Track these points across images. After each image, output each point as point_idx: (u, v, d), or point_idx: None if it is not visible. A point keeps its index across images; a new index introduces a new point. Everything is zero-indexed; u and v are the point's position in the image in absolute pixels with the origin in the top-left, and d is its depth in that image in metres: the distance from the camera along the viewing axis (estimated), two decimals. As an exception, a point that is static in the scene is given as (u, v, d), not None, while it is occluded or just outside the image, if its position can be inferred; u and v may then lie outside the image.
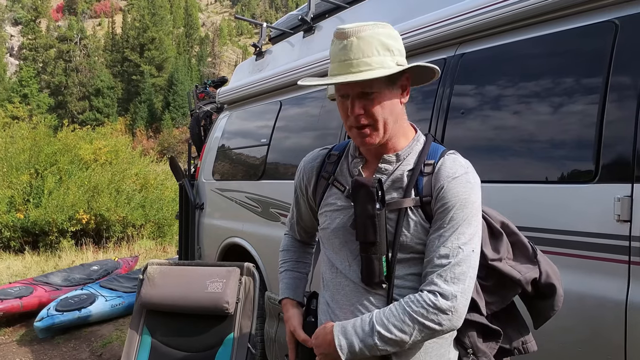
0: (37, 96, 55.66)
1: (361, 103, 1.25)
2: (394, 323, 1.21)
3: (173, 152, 33.72)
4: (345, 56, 1.23)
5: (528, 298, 1.45)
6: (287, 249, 1.67)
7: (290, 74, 3.60)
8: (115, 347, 4.61)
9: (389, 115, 1.27)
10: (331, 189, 1.41)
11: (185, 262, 3.77)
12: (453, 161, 1.30)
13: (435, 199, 1.26)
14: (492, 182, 2.03)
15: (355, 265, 1.33)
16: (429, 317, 1.19)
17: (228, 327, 2.48)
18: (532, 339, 1.45)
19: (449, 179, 1.26)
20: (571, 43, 1.97)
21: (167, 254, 10.09)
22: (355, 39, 1.22)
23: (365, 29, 1.23)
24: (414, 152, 1.35)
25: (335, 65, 1.26)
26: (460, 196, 1.25)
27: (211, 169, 4.47)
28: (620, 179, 1.67)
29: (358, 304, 1.32)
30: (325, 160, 1.47)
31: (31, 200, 10.58)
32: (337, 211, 1.37)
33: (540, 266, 1.41)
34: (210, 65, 73.02)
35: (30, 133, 12.24)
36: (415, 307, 1.20)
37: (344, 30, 1.24)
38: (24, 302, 5.42)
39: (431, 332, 1.21)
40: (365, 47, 1.22)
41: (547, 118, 1.97)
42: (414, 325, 1.20)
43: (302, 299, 1.55)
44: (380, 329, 1.21)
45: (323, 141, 3.12)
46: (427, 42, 2.50)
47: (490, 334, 1.38)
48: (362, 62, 1.21)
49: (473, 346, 1.36)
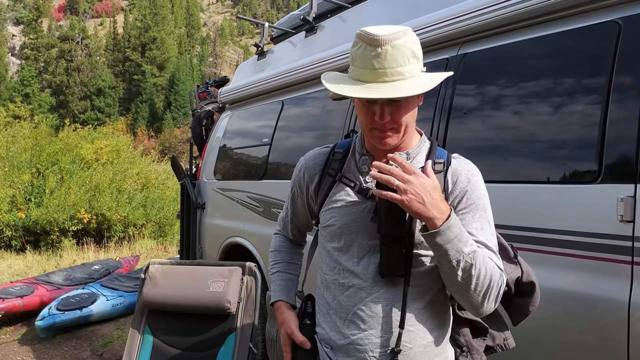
0: (38, 96, 55.79)
1: (389, 109, 1.25)
2: (488, 263, 1.22)
3: (174, 152, 33.77)
4: (380, 65, 1.20)
5: (507, 297, 1.45)
6: (279, 249, 1.65)
7: (292, 73, 3.59)
8: (117, 347, 4.61)
9: (411, 119, 1.30)
10: (339, 186, 1.40)
11: (187, 261, 3.77)
12: (466, 161, 1.36)
13: (457, 196, 1.29)
14: (495, 182, 2.03)
15: (366, 261, 1.31)
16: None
17: (230, 326, 2.48)
18: (510, 335, 1.49)
19: (469, 177, 1.31)
20: (574, 43, 1.96)
21: (168, 253, 10.09)
22: (390, 47, 1.20)
23: (399, 37, 1.21)
24: (422, 151, 1.37)
25: (366, 72, 1.22)
26: (482, 193, 1.31)
27: (213, 169, 4.47)
28: (624, 180, 1.66)
29: (361, 304, 1.30)
30: (330, 158, 1.46)
31: (32, 200, 10.59)
32: (347, 207, 1.36)
33: (521, 266, 1.45)
34: (211, 65, 73.08)
35: (31, 132, 12.26)
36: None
37: (377, 38, 1.20)
38: (25, 302, 5.42)
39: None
40: (399, 56, 1.21)
41: (549, 118, 1.97)
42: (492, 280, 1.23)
43: (294, 301, 1.55)
44: (479, 255, 1.21)
45: (325, 141, 3.11)
46: (429, 42, 2.50)
47: (479, 331, 1.42)
48: (396, 71, 1.21)
49: (467, 344, 1.38)
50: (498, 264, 1.27)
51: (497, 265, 1.26)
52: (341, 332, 1.32)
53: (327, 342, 1.37)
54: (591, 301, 1.73)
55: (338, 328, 1.33)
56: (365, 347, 1.29)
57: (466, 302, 1.28)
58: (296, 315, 1.49)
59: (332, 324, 1.35)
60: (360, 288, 1.31)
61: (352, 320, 1.31)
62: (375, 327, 1.29)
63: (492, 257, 1.26)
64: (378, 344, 1.28)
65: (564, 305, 1.79)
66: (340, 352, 1.33)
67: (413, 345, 1.29)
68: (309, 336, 1.42)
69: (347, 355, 1.31)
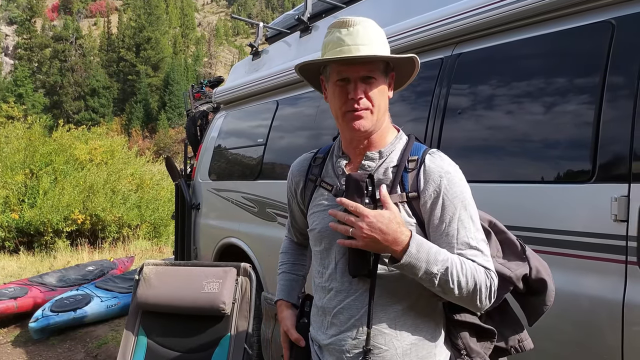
0: (32, 96, 55.48)
1: (362, 87, 1.29)
2: (468, 269, 1.23)
3: (169, 152, 33.67)
4: (352, 41, 1.28)
5: (520, 295, 1.45)
6: (285, 251, 1.72)
7: (286, 73, 3.59)
8: (111, 348, 4.59)
9: (382, 102, 1.33)
10: (318, 190, 1.44)
11: (182, 262, 3.76)
12: (441, 158, 1.34)
13: (431, 195, 1.28)
14: (488, 182, 2.04)
15: (342, 263, 1.33)
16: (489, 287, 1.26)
17: (224, 327, 2.47)
18: (527, 337, 1.45)
19: (443, 174, 1.29)
20: (568, 43, 1.97)
21: (163, 254, 10.07)
22: (361, 27, 1.30)
23: (368, 21, 1.32)
24: (396, 149, 1.37)
25: (339, 50, 1.29)
26: (458, 190, 1.29)
27: (207, 169, 4.46)
28: (617, 179, 1.67)
29: (340, 306, 1.33)
30: (311, 164, 1.50)
31: (26, 201, 10.54)
32: (325, 211, 1.37)
33: (529, 262, 1.43)
34: (206, 65, 72.95)
35: (25, 133, 12.18)
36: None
37: (349, 19, 1.31)
38: (18, 303, 5.39)
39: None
40: (371, 35, 1.30)
41: (543, 118, 1.97)
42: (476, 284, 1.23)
43: (296, 301, 1.60)
44: (453, 266, 1.21)
45: (319, 141, 3.11)
46: (423, 42, 2.50)
47: (484, 333, 1.38)
48: (368, 47, 1.28)
49: (466, 347, 1.36)
50: (483, 263, 1.26)
51: (482, 264, 1.25)
52: (325, 333, 1.38)
53: (315, 340, 1.43)
54: (585, 300, 1.74)
55: (323, 328, 1.39)
56: (342, 348, 1.32)
57: (460, 304, 1.30)
58: (295, 314, 1.55)
59: (320, 324, 1.41)
60: (339, 291, 1.34)
61: (333, 321, 1.35)
62: (350, 328, 1.32)
63: (475, 258, 1.25)
64: (353, 345, 1.31)
65: (558, 304, 1.79)
66: (325, 350, 1.39)
67: (389, 348, 1.29)
68: (305, 334, 1.48)
69: (330, 354, 1.36)
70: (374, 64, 1.29)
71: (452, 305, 1.35)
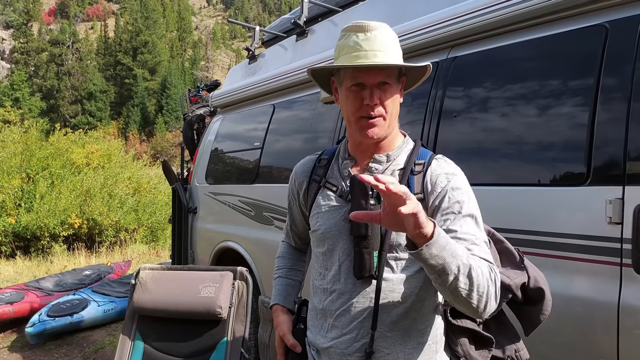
0: (28, 100, 55.35)
1: (378, 93, 1.29)
2: (483, 269, 1.15)
3: (166, 156, 33.64)
4: (369, 47, 1.27)
5: (517, 305, 1.44)
6: (282, 256, 1.70)
7: (283, 77, 3.60)
8: (108, 353, 4.57)
9: (395, 109, 1.33)
10: (323, 191, 1.43)
11: (178, 266, 3.75)
12: (447, 162, 1.35)
13: (437, 197, 1.28)
14: (484, 185, 2.04)
15: (347, 265, 1.33)
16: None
17: (221, 331, 2.47)
18: (524, 347, 1.44)
19: (449, 177, 1.30)
20: (562, 46, 1.98)
21: (160, 258, 10.04)
22: (379, 33, 1.29)
23: (385, 26, 1.32)
24: (403, 153, 1.39)
25: (355, 56, 1.28)
26: (464, 192, 1.29)
27: (204, 173, 4.46)
28: (612, 182, 1.68)
29: (342, 308, 1.32)
30: (315, 165, 1.49)
31: (23, 205, 10.49)
32: (329, 212, 1.38)
33: (528, 271, 1.43)
34: (203, 69, 72.93)
35: (21, 137, 12.12)
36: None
37: (366, 24, 1.30)
38: (15, 308, 5.36)
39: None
40: (387, 41, 1.30)
41: (538, 121, 1.98)
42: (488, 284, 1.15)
43: (292, 306, 1.58)
44: (472, 262, 1.13)
45: (316, 144, 3.12)
46: (419, 45, 2.51)
47: (482, 341, 1.38)
48: (385, 53, 1.28)
49: (466, 354, 1.35)
50: (484, 256, 1.20)
51: (484, 257, 1.19)
52: (325, 336, 1.36)
53: (313, 345, 1.41)
54: (580, 303, 1.74)
55: (322, 332, 1.37)
56: (343, 351, 1.31)
57: (467, 307, 1.17)
58: (291, 319, 1.53)
59: (319, 328, 1.39)
60: (342, 292, 1.33)
61: (334, 324, 1.33)
62: (353, 330, 1.31)
63: (480, 254, 1.21)
64: (356, 347, 1.30)
65: (553, 307, 1.79)
66: (324, 354, 1.36)
67: (391, 351, 1.28)
68: (301, 340, 1.46)
69: (329, 357, 1.34)
70: (390, 70, 1.30)
71: (453, 310, 1.34)
